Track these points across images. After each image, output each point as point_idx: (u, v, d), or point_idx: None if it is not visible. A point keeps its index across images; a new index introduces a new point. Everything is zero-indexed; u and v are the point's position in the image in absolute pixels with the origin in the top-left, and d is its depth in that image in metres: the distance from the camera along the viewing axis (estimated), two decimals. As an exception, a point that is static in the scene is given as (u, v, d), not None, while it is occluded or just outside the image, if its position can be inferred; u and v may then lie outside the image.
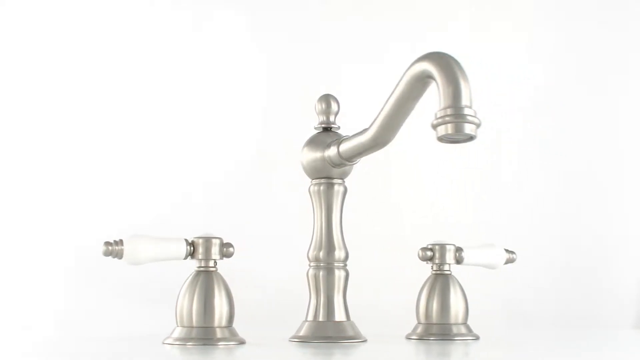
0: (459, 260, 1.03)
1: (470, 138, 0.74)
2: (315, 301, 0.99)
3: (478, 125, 0.73)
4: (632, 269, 1.47)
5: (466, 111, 0.72)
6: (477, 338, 1.01)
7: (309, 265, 1.00)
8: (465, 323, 1.02)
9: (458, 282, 1.03)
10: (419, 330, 1.03)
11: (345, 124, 1.04)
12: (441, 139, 0.73)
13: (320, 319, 0.98)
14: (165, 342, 0.92)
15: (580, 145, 1.50)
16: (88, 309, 1.42)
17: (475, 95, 0.73)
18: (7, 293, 1.45)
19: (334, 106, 1.02)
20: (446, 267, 1.03)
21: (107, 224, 1.49)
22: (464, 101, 0.72)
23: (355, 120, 1.23)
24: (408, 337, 1.02)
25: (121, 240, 0.92)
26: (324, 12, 1.54)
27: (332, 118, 1.02)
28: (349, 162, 0.97)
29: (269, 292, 1.35)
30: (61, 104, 1.51)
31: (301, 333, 0.98)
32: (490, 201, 1.48)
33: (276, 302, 1.21)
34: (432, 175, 1.50)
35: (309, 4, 1.54)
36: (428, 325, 1.02)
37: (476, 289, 1.39)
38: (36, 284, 1.46)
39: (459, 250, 1.04)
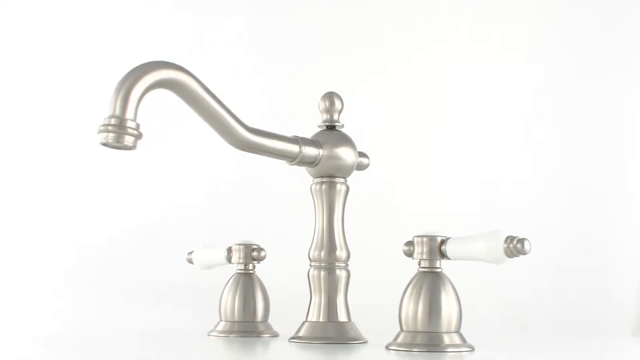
0: (443, 254, 0.86)
1: (132, 147, 0.78)
2: (316, 301, 0.97)
3: (138, 137, 0.77)
4: (632, 272, 1.45)
5: (128, 123, 0.76)
6: (472, 349, 0.86)
7: (310, 265, 0.99)
8: (458, 331, 0.86)
9: (450, 282, 0.86)
10: (401, 339, 0.86)
11: (349, 124, 1.03)
12: (105, 144, 0.77)
13: (321, 319, 0.96)
14: (210, 334, 1.04)
15: (581, 146, 1.49)
16: (88, 308, 1.41)
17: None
18: (7, 293, 1.44)
19: (337, 104, 1.00)
20: (437, 264, 0.86)
21: (107, 224, 1.48)
22: (128, 114, 0.76)
23: (358, 120, 1.22)
24: (387, 348, 0.87)
25: (193, 251, 1.13)
26: (327, 11, 1.54)
27: (335, 116, 1.00)
28: (289, 162, 0.96)
29: (270, 292, 1.34)
30: (62, 104, 1.51)
31: (301, 333, 0.97)
32: (490, 202, 1.47)
33: (277, 302, 1.20)
34: (435, 176, 1.49)
35: (311, 3, 1.54)
36: (413, 333, 0.85)
37: (469, 289, 1.39)
38: (36, 284, 1.45)
39: (444, 242, 0.86)
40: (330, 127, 1.00)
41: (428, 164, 1.50)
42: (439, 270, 0.87)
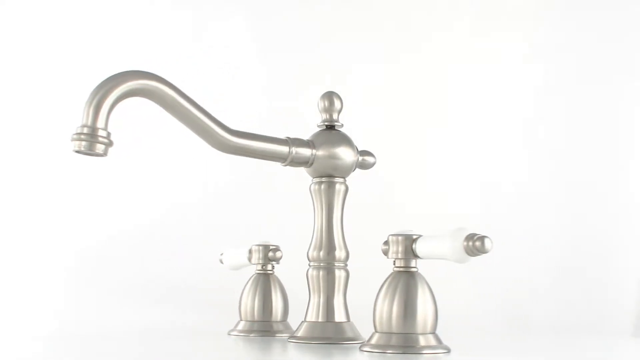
0: (414, 253, 0.84)
1: (103, 155, 0.81)
2: (315, 301, 0.97)
3: (109, 145, 0.80)
4: (632, 272, 1.45)
5: (99, 132, 0.80)
6: (448, 351, 0.84)
7: (309, 265, 0.98)
8: (434, 332, 0.84)
9: (426, 282, 0.84)
10: (375, 340, 0.84)
11: (349, 123, 1.03)
12: (77, 151, 0.81)
13: (320, 319, 0.96)
14: (230, 333, 1.06)
15: (581, 146, 1.49)
16: (88, 308, 1.41)
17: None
18: (7, 293, 1.44)
19: (337, 104, 1.00)
20: (411, 263, 0.84)
21: (106, 224, 1.48)
22: (99, 123, 0.80)
23: (359, 119, 1.22)
24: (361, 349, 0.85)
25: (223, 253, 1.16)
26: (328, 11, 1.54)
27: (335, 116, 1.00)
28: (282, 163, 0.97)
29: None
30: (62, 104, 1.51)
31: (300, 333, 0.97)
32: (490, 202, 1.47)
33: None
34: (435, 176, 1.49)
35: (311, 3, 1.54)
36: (387, 334, 0.83)
37: (469, 289, 1.39)
38: (36, 284, 1.45)
39: (415, 240, 0.84)
40: (330, 127, 1.00)
41: (428, 164, 1.50)
42: (414, 269, 0.85)
